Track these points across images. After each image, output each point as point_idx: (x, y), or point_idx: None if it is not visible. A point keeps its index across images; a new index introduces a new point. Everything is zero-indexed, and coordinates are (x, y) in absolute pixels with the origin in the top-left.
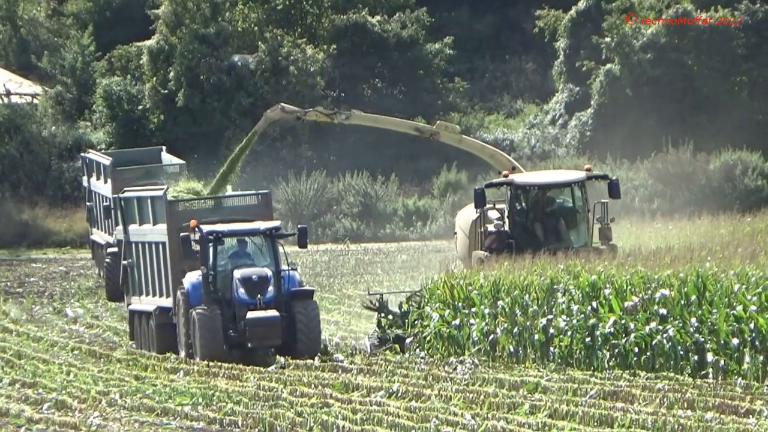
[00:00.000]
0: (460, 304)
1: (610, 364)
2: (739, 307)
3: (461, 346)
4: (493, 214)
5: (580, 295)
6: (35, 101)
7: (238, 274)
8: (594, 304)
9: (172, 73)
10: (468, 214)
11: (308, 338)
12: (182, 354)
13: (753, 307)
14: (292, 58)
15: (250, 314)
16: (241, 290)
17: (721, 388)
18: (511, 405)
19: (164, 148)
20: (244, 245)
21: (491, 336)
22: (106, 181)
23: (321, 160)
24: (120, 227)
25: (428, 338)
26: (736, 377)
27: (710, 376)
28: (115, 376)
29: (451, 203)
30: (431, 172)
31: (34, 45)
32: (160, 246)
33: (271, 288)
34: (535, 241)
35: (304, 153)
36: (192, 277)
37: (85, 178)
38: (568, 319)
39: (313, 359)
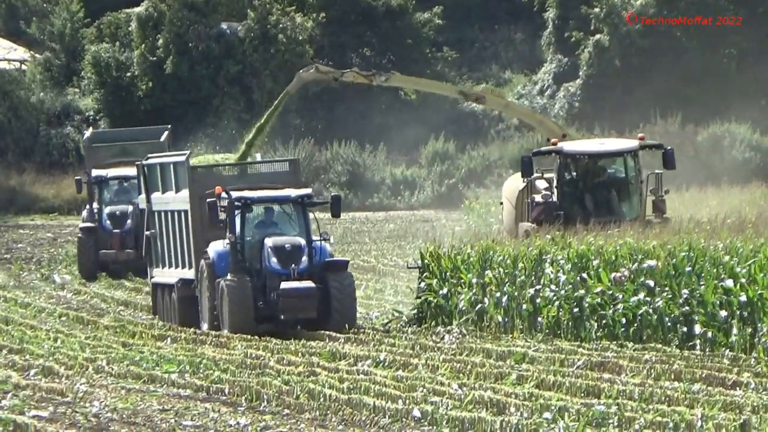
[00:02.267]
0: (447, 273)
1: (598, 334)
2: (729, 281)
3: (449, 315)
4: (540, 184)
5: (569, 266)
6: (24, 67)
7: (269, 242)
8: (582, 274)
9: (160, 41)
10: (515, 183)
11: (343, 311)
12: (204, 327)
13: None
14: (280, 26)
15: (284, 284)
16: (274, 259)
17: (709, 360)
18: (498, 375)
19: (169, 127)
20: (272, 214)
21: (479, 306)
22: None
23: (309, 129)
24: (143, 195)
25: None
26: (723, 349)
27: (698, 347)
28: (102, 343)
29: (438, 173)
30: (419, 142)
31: (23, 11)
32: (183, 214)
33: (304, 258)
34: (585, 213)
35: (291, 121)
36: (217, 246)
37: None
38: (556, 289)
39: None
